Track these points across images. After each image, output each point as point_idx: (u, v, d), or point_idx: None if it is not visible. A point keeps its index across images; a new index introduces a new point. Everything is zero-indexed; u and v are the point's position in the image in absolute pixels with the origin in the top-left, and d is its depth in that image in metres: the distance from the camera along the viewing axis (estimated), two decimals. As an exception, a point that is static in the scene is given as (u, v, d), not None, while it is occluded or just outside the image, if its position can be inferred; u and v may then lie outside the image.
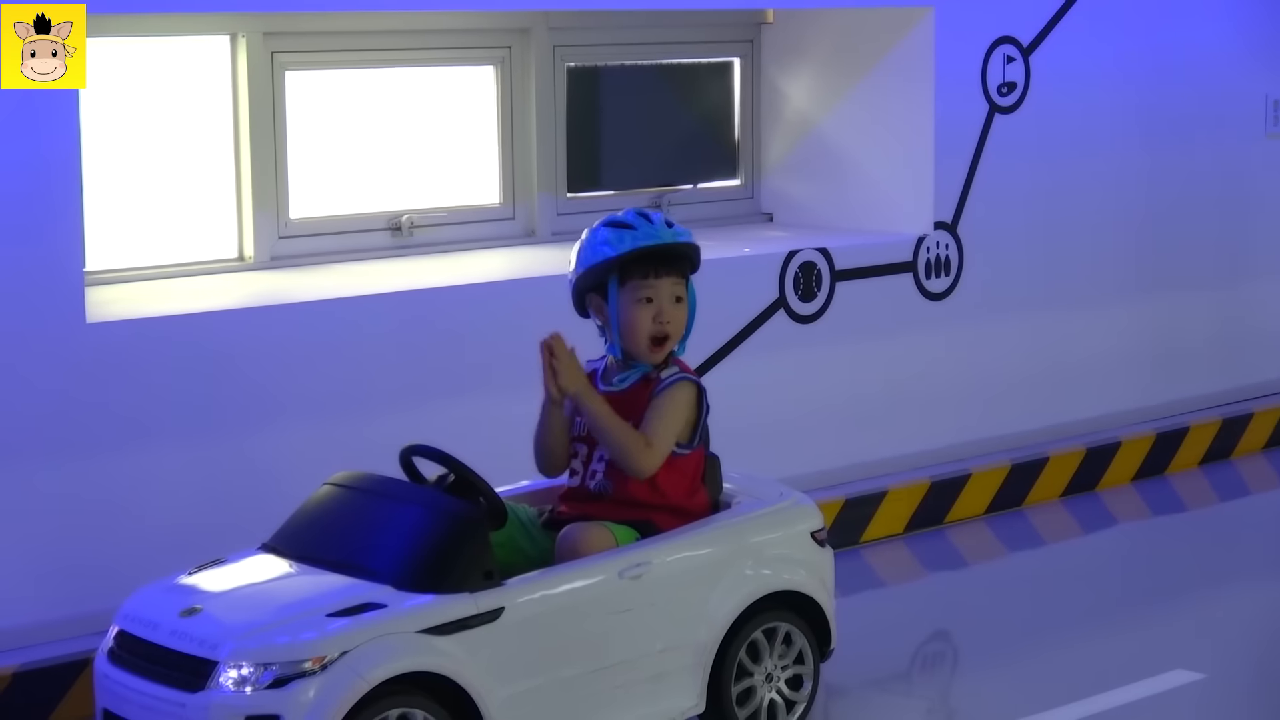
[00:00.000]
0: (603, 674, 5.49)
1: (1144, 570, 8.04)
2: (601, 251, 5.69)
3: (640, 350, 5.75)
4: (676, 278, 5.76)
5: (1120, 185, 9.32)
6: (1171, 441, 9.37)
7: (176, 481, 6.51)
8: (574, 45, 8.32)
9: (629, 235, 5.68)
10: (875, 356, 8.43)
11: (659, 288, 5.72)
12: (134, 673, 5.20)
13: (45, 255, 6.18)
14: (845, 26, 8.68)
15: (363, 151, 7.82)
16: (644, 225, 5.71)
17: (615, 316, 5.73)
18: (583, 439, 5.81)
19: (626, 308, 5.71)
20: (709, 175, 9.00)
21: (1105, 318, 9.33)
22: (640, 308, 5.71)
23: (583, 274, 5.75)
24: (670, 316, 5.74)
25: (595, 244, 5.72)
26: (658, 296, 5.72)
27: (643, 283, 5.71)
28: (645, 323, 5.71)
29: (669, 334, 5.75)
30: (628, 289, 5.71)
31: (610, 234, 5.70)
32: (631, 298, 5.71)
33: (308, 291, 7.04)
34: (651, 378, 5.76)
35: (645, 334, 5.72)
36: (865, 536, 8.15)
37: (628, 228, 5.70)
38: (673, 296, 5.75)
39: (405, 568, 5.26)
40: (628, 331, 5.73)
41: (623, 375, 5.79)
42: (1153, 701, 6.37)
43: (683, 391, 5.74)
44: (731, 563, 5.77)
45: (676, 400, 5.72)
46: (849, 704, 6.43)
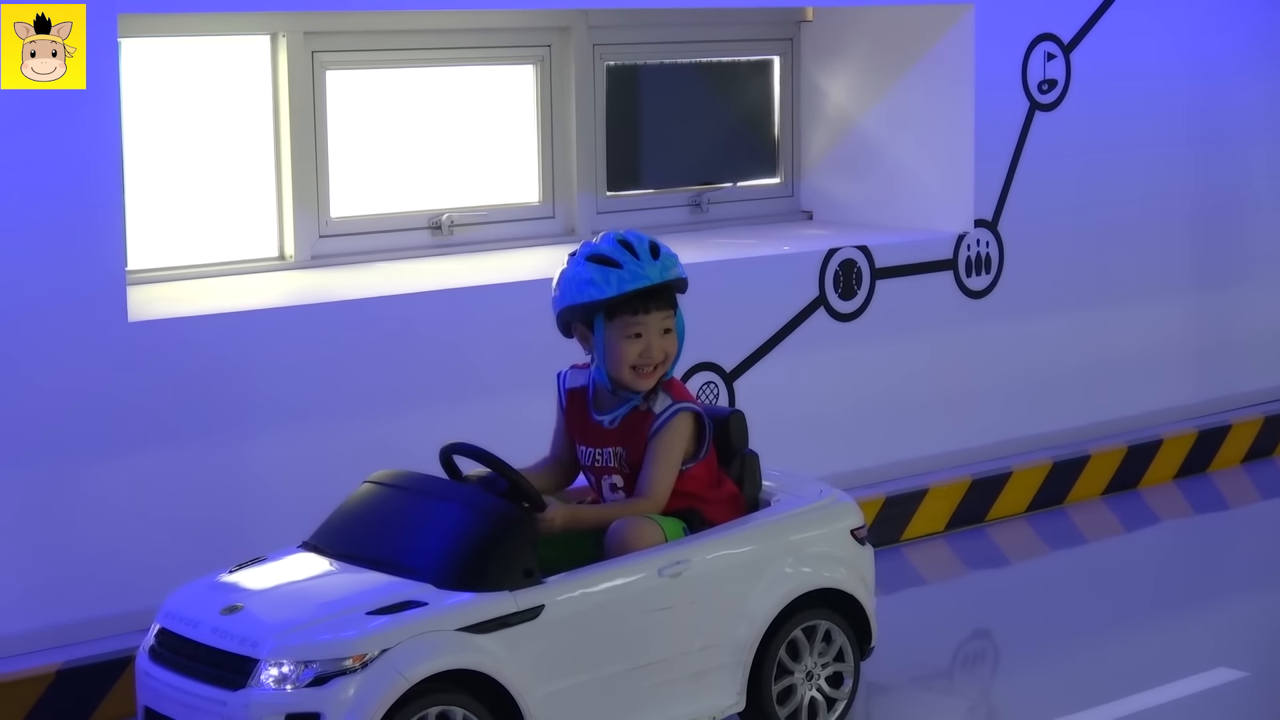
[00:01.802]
0: (642, 672, 5.49)
1: (1186, 568, 8.00)
2: (587, 292, 5.59)
3: (627, 381, 5.69)
4: (666, 311, 5.69)
5: (1162, 182, 9.29)
6: (1214, 439, 9.34)
7: (218, 479, 6.53)
8: (613, 44, 8.32)
9: (615, 277, 5.57)
10: (916, 354, 8.41)
11: (648, 324, 5.65)
12: (175, 670, 5.21)
13: (88, 254, 6.21)
14: (885, 24, 8.67)
15: (403, 150, 7.83)
16: (631, 264, 5.58)
17: (602, 350, 5.67)
18: (591, 469, 5.83)
19: (614, 344, 5.65)
20: (748, 173, 8.99)
21: (1147, 315, 9.30)
22: (628, 343, 5.64)
23: (568, 308, 5.69)
24: (659, 349, 5.67)
25: (580, 282, 5.61)
26: (646, 332, 5.65)
27: (631, 319, 5.63)
28: (633, 357, 5.65)
29: (658, 364, 5.69)
30: (615, 324, 5.63)
31: (596, 273, 5.58)
32: (619, 334, 5.63)
33: (348, 290, 7.06)
34: (643, 411, 5.71)
35: (633, 367, 5.67)
36: (906, 534, 8.14)
37: (614, 265, 5.58)
38: (661, 330, 5.67)
39: (445, 566, 5.27)
40: (615, 365, 5.67)
41: (614, 413, 5.74)
42: (1195, 700, 6.35)
43: (680, 426, 5.69)
44: (771, 560, 5.76)
45: (672, 439, 5.67)
46: (890, 702, 6.42)
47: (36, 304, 6.12)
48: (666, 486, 5.67)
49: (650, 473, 5.66)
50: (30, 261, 6.10)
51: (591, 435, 5.80)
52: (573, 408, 5.86)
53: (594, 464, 5.80)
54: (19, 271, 6.08)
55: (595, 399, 5.81)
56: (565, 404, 5.88)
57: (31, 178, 6.07)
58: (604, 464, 5.77)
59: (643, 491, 5.66)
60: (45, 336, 6.15)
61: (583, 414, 5.83)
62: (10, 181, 6.04)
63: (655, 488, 5.65)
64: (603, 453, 5.77)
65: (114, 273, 6.28)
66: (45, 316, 6.14)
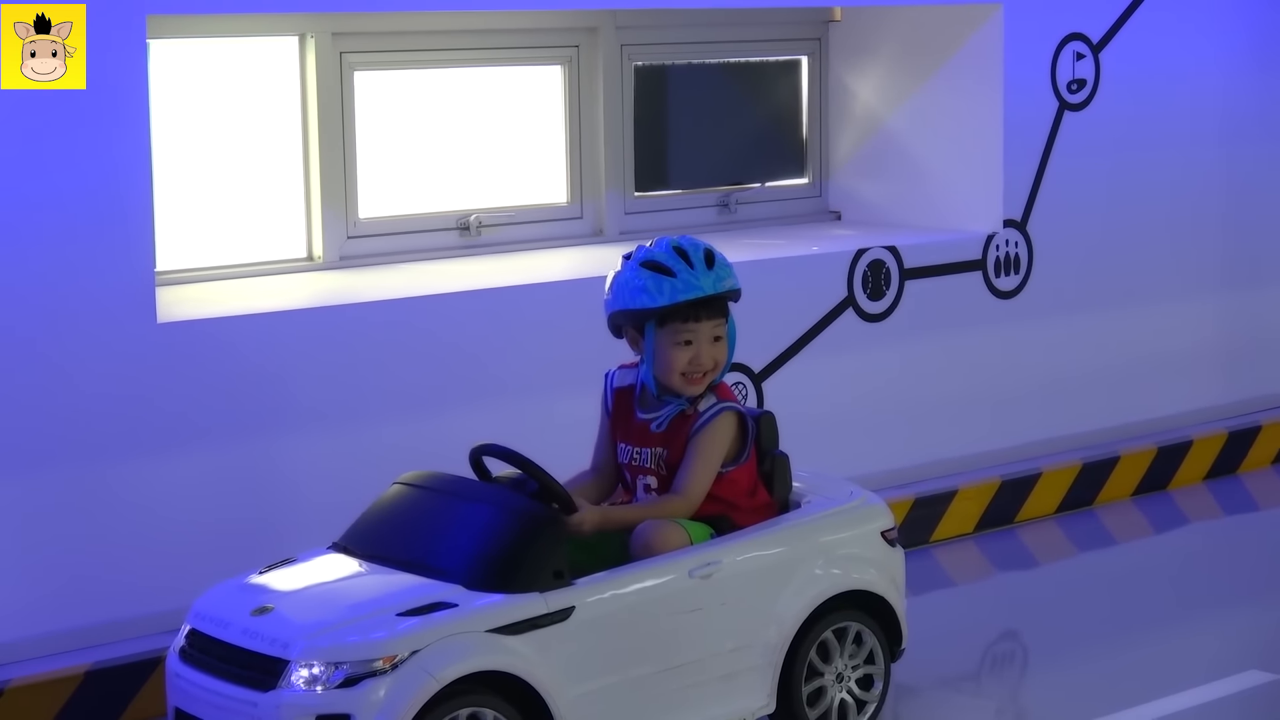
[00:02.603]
0: (672, 673, 5.48)
1: (1216, 570, 7.98)
2: (639, 299, 5.60)
3: (676, 386, 5.70)
4: (717, 320, 5.70)
5: (1192, 182, 9.26)
6: (1244, 440, 9.31)
7: (247, 480, 6.53)
8: (641, 44, 8.32)
9: (668, 285, 5.58)
10: (944, 355, 8.39)
11: (699, 331, 5.66)
12: (205, 671, 5.22)
13: (117, 255, 6.21)
14: (913, 24, 8.65)
15: (431, 151, 7.83)
16: (684, 272, 5.60)
17: (652, 354, 5.68)
18: (628, 467, 5.82)
19: (664, 349, 5.65)
20: (777, 174, 8.98)
21: (1177, 315, 9.27)
22: (679, 350, 5.65)
23: (619, 312, 5.70)
24: (709, 357, 5.68)
25: (633, 289, 5.62)
26: (697, 340, 5.65)
27: (682, 327, 5.64)
28: (682, 364, 5.66)
29: (707, 371, 5.70)
30: (666, 332, 5.64)
31: (650, 280, 5.59)
32: (670, 341, 5.64)
33: (376, 291, 7.06)
34: (689, 414, 5.72)
35: (682, 374, 5.68)
36: (935, 536, 8.12)
37: (667, 274, 5.59)
38: (712, 338, 5.68)
39: (475, 567, 5.27)
40: (664, 371, 5.68)
41: (659, 411, 5.75)
42: (1226, 702, 6.33)
43: (722, 425, 5.70)
44: (802, 562, 5.75)
45: (715, 437, 5.67)
46: (919, 704, 6.41)
47: (66, 305, 6.13)
48: (703, 486, 5.66)
49: (688, 470, 5.65)
50: (60, 263, 6.11)
51: (634, 434, 5.79)
52: (619, 406, 5.86)
53: (632, 462, 5.79)
54: (49, 272, 6.09)
55: (642, 398, 5.81)
56: (611, 404, 5.88)
57: (61, 180, 6.08)
58: (641, 464, 5.77)
59: (678, 489, 5.65)
60: (75, 337, 6.16)
61: (628, 412, 5.82)
62: (40, 183, 6.05)
63: (691, 486, 5.64)
64: (641, 452, 5.76)
65: (143, 274, 6.29)
66: (75, 317, 6.15)
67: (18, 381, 6.07)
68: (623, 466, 5.85)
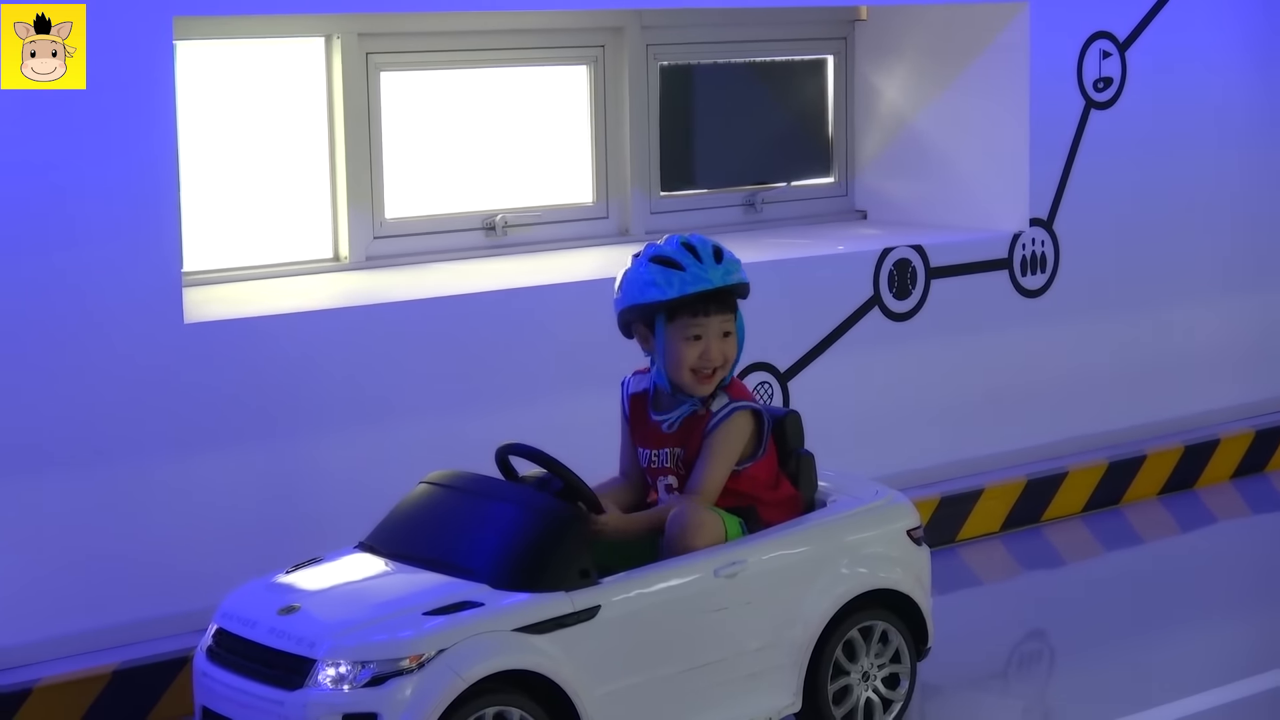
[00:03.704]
0: (698, 672, 5.49)
1: (1243, 569, 7.97)
2: (649, 293, 5.63)
3: (687, 384, 5.71)
4: (726, 314, 5.72)
5: (1219, 181, 9.24)
6: (1271, 439, 9.28)
7: (273, 480, 6.55)
8: (667, 44, 8.32)
9: (677, 278, 5.61)
10: (970, 354, 8.39)
11: (708, 326, 5.67)
12: (233, 670, 5.23)
13: (144, 256, 6.24)
14: (939, 23, 8.64)
15: (457, 151, 7.84)
16: (693, 266, 5.63)
17: (662, 351, 5.69)
18: (649, 470, 5.84)
19: (674, 345, 5.67)
20: (802, 173, 8.98)
21: (1203, 314, 9.26)
22: (688, 345, 5.66)
23: (629, 308, 5.72)
24: (718, 353, 5.69)
25: (642, 283, 5.65)
26: (706, 334, 5.67)
27: (691, 321, 5.66)
28: (692, 359, 5.67)
29: (717, 367, 5.71)
30: (675, 326, 5.66)
31: (659, 274, 5.62)
32: (679, 335, 5.66)
33: (403, 291, 7.07)
34: (701, 414, 5.73)
35: (692, 370, 5.69)
36: (962, 535, 8.12)
37: (676, 267, 5.62)
38: (721, 333, 5.70)
39: (501, 566, 5.28)
40: (675, 367, 5.69)
41: (672, 412, 5.77)
42: (1252, 702, 6.32)
43: (736, 424, 5.71)
44: (827, 561, 5.75)
45: (728, 436, 5.69)
46: (945, 703, 6.41)
47: (94, 305, 6.15)
48: (717, 484, 5.67)
49: (702, 469, 5.67)
50: (88, 263, 6.13)
51: (650, 437, 5.81)
52: (635, 411, 5.88)
53: (651, 465, 5.81)
54: (76, 272, 6.12)
55: (655, 400, 5.82)
56: (629, 411, 5.89)
57: (89, 180, 6.11)
58: (660, 465, 5.78)
59: (693, 487, 5.66)
60: (102, 338, 6.18)
61: (643, 416, 5.84)
62: (69, 183, 6.08)
63: (706, 484, 5.65)
64: (659, 454, 5.77)
65: (170, 274, 6.31)
66: (102, 318, 6.17)
67: (46, 381, 6.10)
68: (645, 470, 5.86)
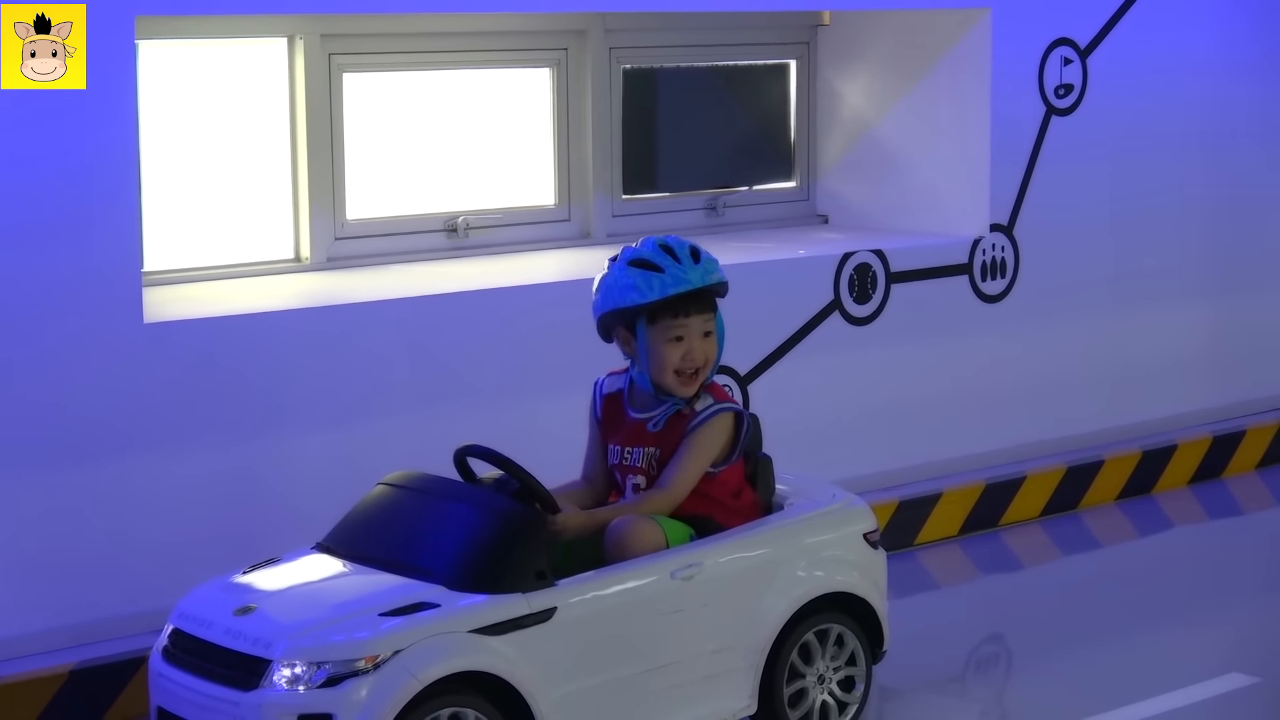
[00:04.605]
0: (654, 674, 5.50)
1: (1199, 573, 8.00)
2: (629, 297, 5.64)
3: (670, 385, 5.73)
4: (706, 314, 5.74)
5: (1178, 188, 9.28)
6: (1228, 445, 9.33)
7: (232, 481, 6.54)
8: (630, 47, 8.34)
9: (657, 281, 5.63)
10: (930, 359, 8.41)
11: (689, 327, 5.70)
12: (188, 671, 5.23)
13: (103, 256, 6.22)
14: (901, 28, 8.67)
15: (419, 153, 7.84)
16: (672, 268, 5.65)
17: (645, 354, 5.71)
18: (618, 467, 5.84)
19: (656, 347, 5.69)
20: (764, 177, 9.00)
21: (1162, 320, 9.29)
22: (671, 347, 5.68)
23: (609, 313, 5.73)
24: (700, 353, 5.72)
25: (621, 287, 5.66)
26: (688, 335, 5.70)
27: (673, 323, 5.69)
28: (675, 361, 5.69)
29: (699, 368, 5.74)
30: (657, 329, 5.68)
31: (638, 277, 5.64)
32: (661, 338, 5.68)
33: (364, 292, 7.07)
34: (684, 413, 5.75)
35: (676, 371, 5.71)
36: (920, 539, 8.14)
37: (655, 270, 5.64)
38: (702, 332, 5.72)
39: (458, 568, 5.29)
40: (658, 369, 5.71)
41: (655, 412, 5.78)
42: (1208, 705, 6.35)
43: (718, 425, 5.74)
44: (784, 564, 5.77)
45: (710, 437, 5.71)
46: (902, 706, 6.43)
47: (53, 305, 6.14)
48: (689, 483, 5.68)
49: (677, 466, 5.67)
50: (46, 263, 6.11)
51: (628, 434, 5.81)
52: (609, 411, 5.89)
53: (622, 462, 5.81)
54: (36, 272, 6.10)
55: (633, 398, 5.84)
56: (601, 412, 5.90)
57: (49, 179, 6.09)
58: (631, 463, 5.79)
59: (664, 484, 5.67)
60: (62, 337, 6.17)
61: (619, 413, 5.85)
62: (28, 183, 6.06)
63: (677, 482, 5.66)
64: (633, 452, 5.78)
65: (130, 274, 6.30)
66: (61, 318, 6.16)
67: (4, 381, 6.08)
68: (612, 468, 5.87)
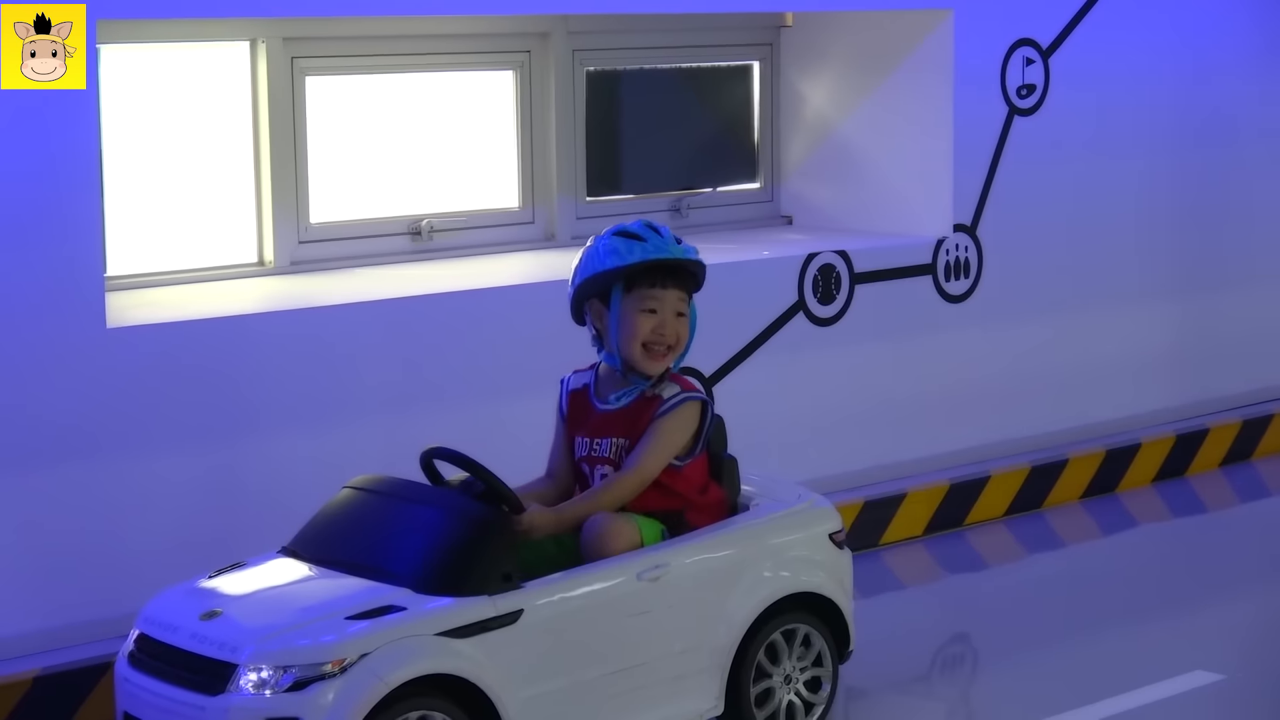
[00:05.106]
0: (621, 676, 5.50)
1: (1163, 572, 8.03)
2: (609, 260, 5.70)
3: (638, 359, 5.74)
4: (682, 292, 5.78)
5: (1140, 188, 9.32)
6: (1192, 443, 9.37)
7: (197, 486, 6.53)
8: (593, 49, 8.34)
9: (639, 247, 5.70)
10: (894, 359, 8.43)
11: (664, 299, 5.73)
12: (154, 676, 5.22)
13: (66, 260, 6.20)
14: (864, 29, 8.68)
15: (383, 156, 7.83)
16: (654, 238, 5.73)
17: (616, 324, 5.72)
18: (586, 459, 5.84)
19: (629, 315, 5.71)
20: (728, 178, 9.00)
21: (1125, 320, 9.33)
22: (643, 317, 5.71)
23: (587, 280, 5.75)
24: (672, 329, 5.74)
25: (602, 252, 5.73)
26: (661, 308, 5.72)
27: (648, 292, 5.72)
28: (646, 332, 5.71)
29: (670, 345, 5.75)
30: (632, 297, 5.72)
31: (620, 243, 5.71)
32: (635, 306, 5.71)
33: (328, 296, 7.06)
34: (650, 397, 5.76)
35: (645, 345, 5.72)
36: (885, 539, 8.16)
37: (637, 239, 5.72)
38: (676, 310, 5.75)
39: (424, 570, 5.28)
40: (627, 339, 5.72)
41: (620, 392, 5.79)
42: (1172, 702, 6.37)
43: (686, 412, 5.75)
44: (750, 564, 5.78)
45: (677, 423, 5.73)
46: (868, 706, 6.44)
47: (15, 310, 6.11)
48: (655, 467, 5.68)
49: (644, 448, 5.68)
50: (8, 267, 6.09)
51: (593, 425, 5.81)
52: (574, 406, 5.89)
53: (591, 454, 5.81)
54: (-2, 277, 6.10)
55: (598, 389, 5.84)
56: (566, 407, 5.90)
57: (9, 183, 6.07)
58: (600, 454, 5.79)
59: (631, 465, 5.68)
60: (24, 342, 6.14)
61: (585, 406, 5.86)
62: (-10, 187, 6.06)
63: (643, 463, 5.66)
64: (600, 443, 5.78)
65: (93, 278, 6.28)
66: (24, 321, 6.14)
67: (-33, 386, 6.07)
68: (579, 461, 5.87)
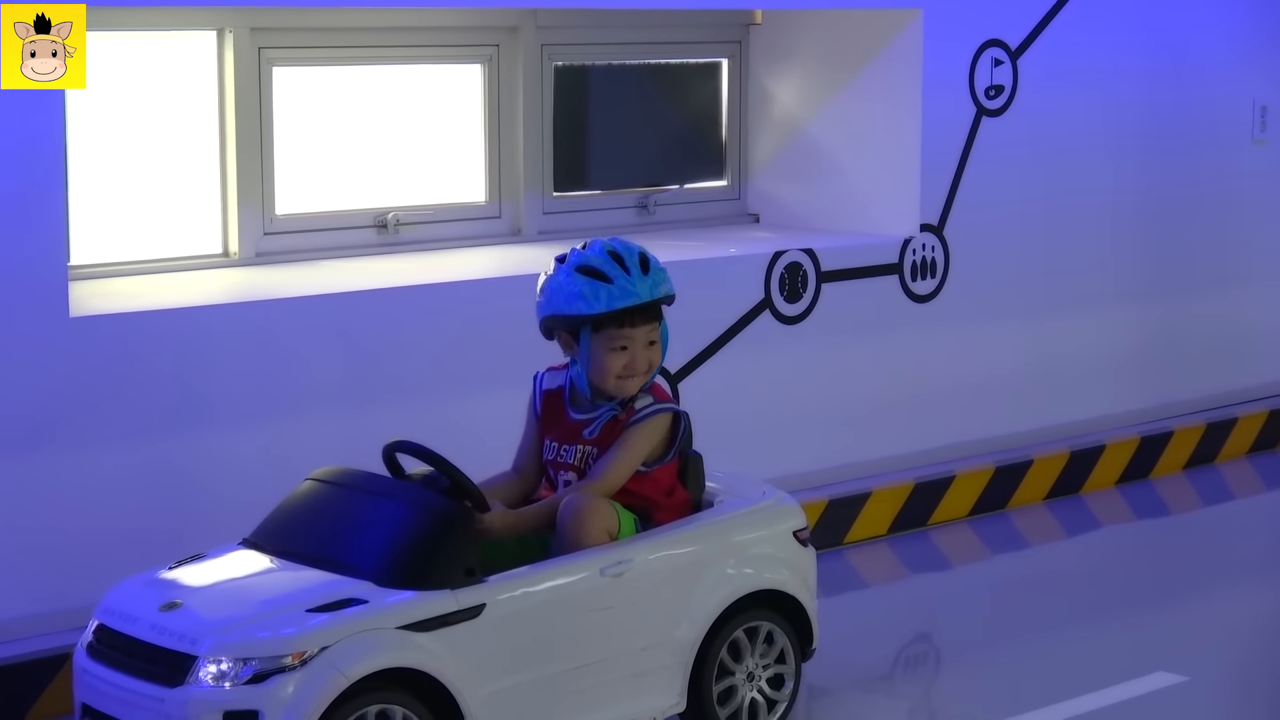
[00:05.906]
0: (583, 671, 5.49)
1: (1127, 573, 8.04)
2: (575, 305, 5.62)
3: (610, 388, 5.72)
4: (651, 324, 5.73)
5: (1107, 189, 9.33)
6: (1156, 445, 9.38)
7: (159, 476, 6.50)
8: (562, 44, 8.32)
9: (605, 292, 5.60)
10: (860, 358, 8.43)
11: (634, 337, 5.68)
12: (113, 667, 5.19)
13: (29, 249, 6.17)
14: (833, 28, 8.68)
15: (349, 148, 7.81)
16: (621, 279, 5.62)
17: (586, 360, 5.69)
18: (552, 463, 5.83)
19: (598, 354, 5.67)
20: (696, 176, 8.99)
21: (1091, 321, 9.34)
22: (614, 355, 5.67)
23: (553, 317, 5.71)
24: (644, 359, 5.71)
25: (568, 295, 5.63)
26: (632, 346, 5.68)
27: (618, 333, 5.66)
28: (616, 369, 5.68)
29: (642, 374, 5.72)
30: (601, 337, 5.66)
31: (585, 286, 5.61)
32: (605, 346, 5.66)
33: (293, 288, 7.04)
34: (621, 417, 5.73)
35: (617, 377, 5.69)
36: (849, 537, 8.15)
37: (603, 279, 5.61)
38: (646, 342, 5.71)
39: (386, 564, 5.26)
40: (598, 375, 5.69)
41: (593, 413, 5.76)
42: (1135, 704, 6.38)
43: (656, 423, 5.73)
44: (713, 561, 5.76)
45: (645, 434, 5.70)
46: (831, 704, 6.43)
47: (-23, 298, 6.09)
48: (621, 477, 5.66)
49: (610, 459, 5.66)
50: (-29, 255, 6.07)
51: (564, 431, 5.79)
52: (548, 407, 5.86)
53: (557, 459, 5.79)
54: (-40, 265, 6.06)
55: (573, 398, 5.82)
56: (540, 407, 5.88)
57: (-27, 171, 6.05)
58: (565, 460, 5.77)
59: (595, 474, 5.66)
60: (-14, 331, 6.12)
61: (559, 411, 5.83)
62: (-48, 174, 6.02)
63: (609, 474, 5.64)
64: (567, 449, 5.76)
65: (56, 268, 6.25)
66: (-14, 311, 6.12)
67: (-73, 374, 6.04)
68: (546, 463, 5.85)
